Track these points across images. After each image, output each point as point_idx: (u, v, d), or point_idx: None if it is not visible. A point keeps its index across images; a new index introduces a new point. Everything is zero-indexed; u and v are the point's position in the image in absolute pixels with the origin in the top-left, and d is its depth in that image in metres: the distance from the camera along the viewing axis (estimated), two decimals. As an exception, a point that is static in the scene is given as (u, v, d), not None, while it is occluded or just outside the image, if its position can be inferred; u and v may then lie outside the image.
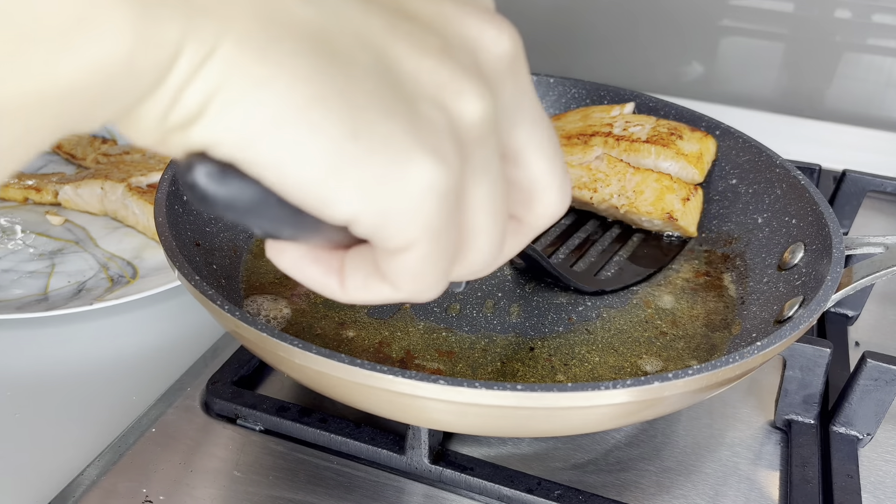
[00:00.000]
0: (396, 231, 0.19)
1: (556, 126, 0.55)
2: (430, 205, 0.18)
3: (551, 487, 0.37)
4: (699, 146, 0.50)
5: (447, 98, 0.19)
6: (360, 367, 0.29)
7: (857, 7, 0.73)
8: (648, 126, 0.52)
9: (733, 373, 0.31)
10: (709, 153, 0.51)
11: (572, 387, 0.28)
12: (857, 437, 0.41)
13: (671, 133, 0.50)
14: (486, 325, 0.41)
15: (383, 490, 0.38)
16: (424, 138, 0.18)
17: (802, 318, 0.34)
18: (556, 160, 0.23)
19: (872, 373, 0.39)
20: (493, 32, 0.21)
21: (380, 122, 0.18)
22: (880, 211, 0.67)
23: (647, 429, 0.42)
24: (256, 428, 0.41)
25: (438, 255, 0.20)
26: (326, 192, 0.18)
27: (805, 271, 0.41)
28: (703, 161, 0.50)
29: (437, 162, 0.18)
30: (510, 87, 0.21)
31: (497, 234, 0.21)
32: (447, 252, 0.20)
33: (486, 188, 0.20)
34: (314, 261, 0.22)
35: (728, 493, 0.39)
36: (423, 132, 0.18)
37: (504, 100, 0.21)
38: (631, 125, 0.52)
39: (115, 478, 0.38)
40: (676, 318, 0.43)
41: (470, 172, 0.20)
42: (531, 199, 0.23)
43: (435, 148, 0.18)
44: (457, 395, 0.28)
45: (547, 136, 0.23)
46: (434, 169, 0.18)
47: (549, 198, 0.23)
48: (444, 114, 0.19)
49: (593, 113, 0.55)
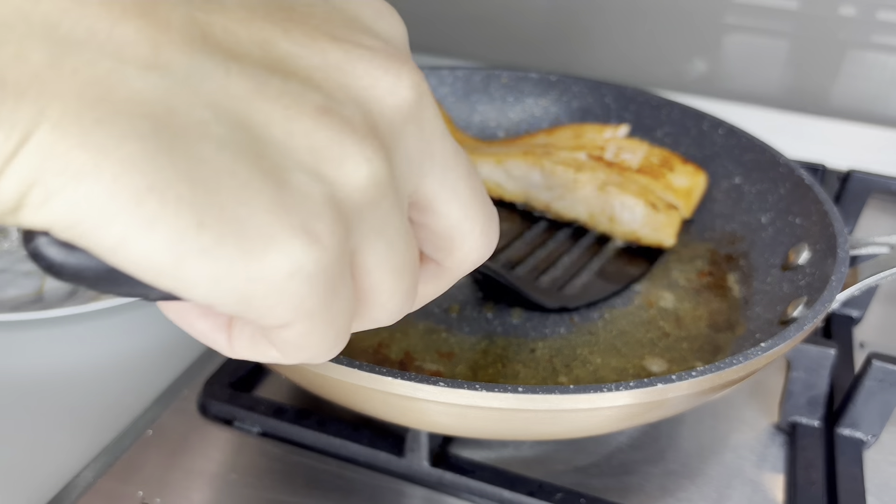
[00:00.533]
0: (262, 316, 0.17)
1: (546, 142, 0.54)
2: (297, 289, 0.17)
3: (553, 490, 0.37)
4: (689, 181, 0.50)
5: (325, 165, 0.17)
6: (359, 368, 0.28)
7: (862, 4, 0.72)
8: (640, 154, 0.51)
9: (737, 374, 0.31)
10: (698, 188, 0.50)
11: (574, 389, 0.28)
12: (863, 440, 0.41)
13: (662, 164, 0.50)
14: (486, 326, 0.41)
15: (382, 493, 0.37)
16: (291, 217, 0.16)
17: (807, 319, 0.33)
18: (473, 205, 0.21)
19: (878, 374, 0.38)
20: (388, 81, 0.18)
21: (233, 205, 0.16)
22: (886, 211, 0.67)
23: (650, 431, 0.42)
24: (253, 430, 0.40)
25: (322, 328, 0.18)
26: (174, 282, 0.16)
27: (809, 271, 0.40)
28: (691, 197, 0.49)
29: (306, 243, 0.16)
30: (413, 137, 0.19)
31: (401, 290, 0.20)
32: (335, 322, 0.18)
33: (382, 250, 0.19)
34: (202, 315, 0.20)
35: (732, 495, 0.38)
36: (290, 210, 0.16)
37: (407, 152, 0.19)
38: (623, 151, 0.51)
39: (111, 480, 0.37)
40: (680, 318, 0.42)
41: (361, 237, 0.18)
42: (450, 245, 0.22)
43: (304, 226, 0.16)
44: (457, 398, 0.28)
45: (463, 181, 0.21)
46: (301, 251, 0.16)
47: (468, 244, 0.22)
48: (320, 184, 0.17)
49: (586, 132, 0.54)
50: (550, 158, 0.50)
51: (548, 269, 0.45)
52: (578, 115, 0.59)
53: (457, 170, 0.21)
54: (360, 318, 0.20)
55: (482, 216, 0.22)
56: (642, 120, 0.56)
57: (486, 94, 0.59)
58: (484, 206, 0.22)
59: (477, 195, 0.21)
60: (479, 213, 0.21)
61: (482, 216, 0.22)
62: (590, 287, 0.44)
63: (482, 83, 0.59)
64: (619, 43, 0.81)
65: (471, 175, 0.21)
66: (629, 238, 0.48)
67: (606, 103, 0.58)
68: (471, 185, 0.21)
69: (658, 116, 0.56)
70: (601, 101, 0.58)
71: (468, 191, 0.21)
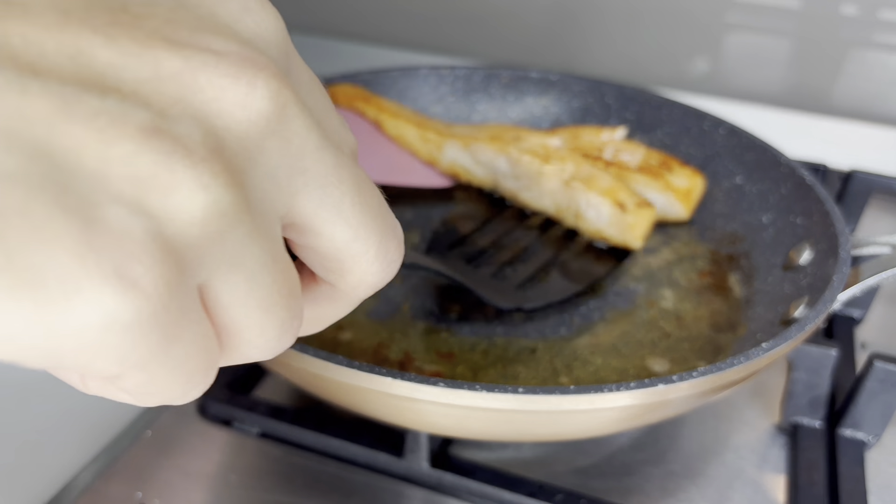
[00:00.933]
0: (83, 369, 0.15)
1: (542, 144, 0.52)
2: (116, 341, 0.14)
3: (553, 492, 0.36)
4: (689, 182, 0.49)
5: (149, 197, 0.14)
6: (358, 369, 0.28)
7: (863, 3, 0.72)
8: (639, 155, 0.50)
9: (738, 375, 0.30)
10: (696, 191, 0.50)
11: (575, 389, 0.28)
12: (864, 441, 0.40)
13: (661, 165, 0.49)
14: (486, 327, 0.41)
15: (381, 494, 0.37)
16: (100, 261, 0.14)
17: (808, 319, 0.33)
18: (364, 224, 0.19)
19: (879, 375, 0.38)
20: (238, 91, 0.16)
21: (25, 251, 0.13)
22: (887, 210, 0.67)
23: (651, 432, 0.42)
24: (252, 431, 0.40)
25: (165, 375, 0.16)
26: None
27: (811, 271, 0.40)
28: (690, 198, 0.49)
29: (119, 290, 0.14)
30: (276, 153, 0.17)
31: (272, 325, 0.17)
32: (182, 366, 0.16)
33: (240, 284, 0.16)
34: None
35: (734, 496, 0.38)
36: (99, 252, 0.14)
37: (269, 170, 0.17)
38: (621, 153, 0.51)
39: (110, 482, 0.37)
40: (681, 319, 0.42)
41: (209, 273, 0.16)
42: (340, 268, 0.19)
43: (117, 271, 0.14)
44: (457, 398, 0.28)
45: (348, 196, 0.18)
46: (112, 300, 0.14)
47: (360, 268, 0.19)
48: (142, 219, 0.14)
49: (583, 135, 0.53)
50: (518, 145, 0.48)
51: (511, 263, 0.44)
52: (579, 114, 0.59)
53: (340, 186, 0.18)
54: (227, 354, 0.18)
55: (376, 235, 0.19)
56: (643, 119, 0.56)
57: (486, 93, 0.59)
58: (378, 224, 0.19)
59: (368, 211, 0.19)
60: (373, 233, 0.19)
61: (376, 235, 0.19)
62: (550, 287, 0.42)
63: (482, 82, 0.58)
64: (620, 42, 0.81)
65: (360, 190, 0.19)
66: (595, 237, 0.47)
67: (607, 103, 0.58)
68: (360, 200, 0.19)
69: (659, 116, 0.56)
70: (602, 101, 0.58)
71: (356, 207, 0.18)
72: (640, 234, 0.45)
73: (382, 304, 0.42)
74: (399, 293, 0.43)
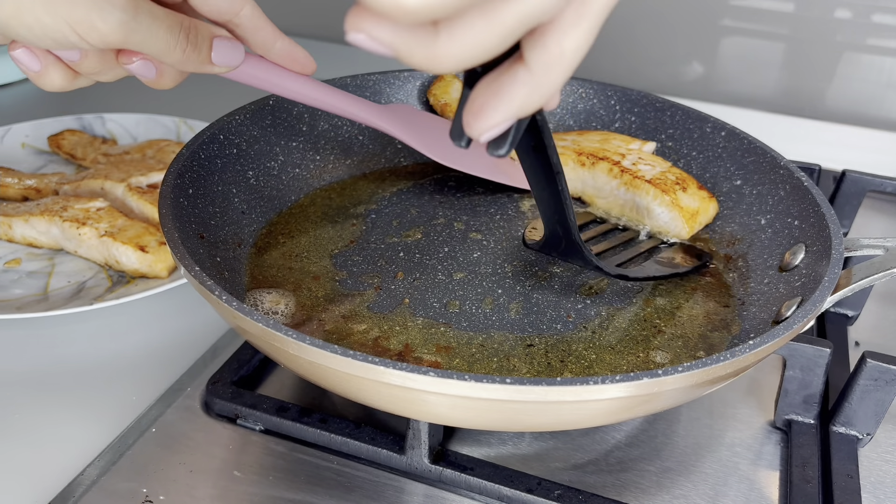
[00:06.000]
0: None
1: (573, 140, 0.55)
2: None
3: (551, 487, 0.37)
4: (699, 204, 0.49)
5: None
6: (353, 357, 0.29)
7: (857, 7, 0.73)
8: (659, 169, 0.51)
9: (725, 371, 0.31)
10: (706, 214, 0.50)
11: (561, 381, 0.28)
12: (857, 437, 0.41)
13: (677, 182, 0.50)
14: (484, 322, 0.41)
15: (383, 490, 0.38)
16: None
17: (797, 319, 0.34)
18: None
19: (872, 373, 0.39)
20: None
21: None
22: (880, 211, 0.67)
23: (647, 429, 0.42)
24: (256, 428, 0.41)
25: None
26: None
27: (805, 272, 0.41)
28: (696, 219, 0.49)
29: None
30: None
31: None
32: None
33: None
34: None
35: (728, 493, 0.39)
36: None
37: None
38: (642, 163, 0.52)
39: (115, 478, 0.38)
40: (676, 317, 0.43)
41: None
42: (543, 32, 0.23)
43: None
44: (447, 388, 0.28)
45: None
46: None
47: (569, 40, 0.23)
48: None
49: (613, 139, 0.55)
50: (63, 214, 0.54)
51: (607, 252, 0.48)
52: (583, 116, 0.59)
53: None
54: None
55: None
56: (646, 122, 0.57)
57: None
58: None
59: None
60: None
61: None
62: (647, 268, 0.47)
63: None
64: (618, 45, 0.82)
65: None
66: None
67: (612, 105, 0.59)
68: None
69: (662, 119, 0.56)
70: (606, 104, 0.59)
71: None
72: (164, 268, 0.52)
73: (384, 297, 0.43)
74: (401, 287, 0.43)
